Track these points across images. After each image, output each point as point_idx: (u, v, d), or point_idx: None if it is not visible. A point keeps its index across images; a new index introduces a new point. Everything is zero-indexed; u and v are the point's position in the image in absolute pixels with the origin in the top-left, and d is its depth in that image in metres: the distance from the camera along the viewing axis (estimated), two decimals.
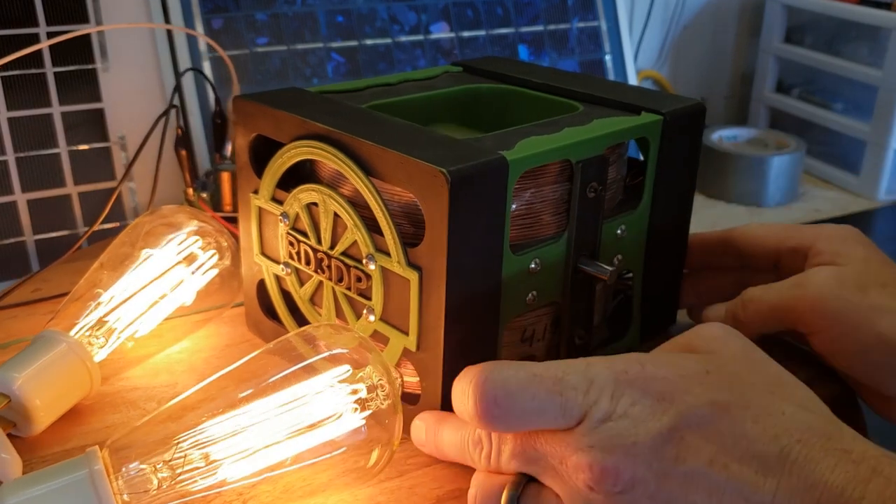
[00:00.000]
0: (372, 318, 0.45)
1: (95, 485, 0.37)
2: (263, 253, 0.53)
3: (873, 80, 1.89)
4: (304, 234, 0.48)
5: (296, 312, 0.52)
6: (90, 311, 0.50)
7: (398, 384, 0.43)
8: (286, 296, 0.53)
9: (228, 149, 0.73)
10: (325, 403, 0.40)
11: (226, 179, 0.69)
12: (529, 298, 0.46)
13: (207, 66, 1.09)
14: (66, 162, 0.99)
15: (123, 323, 0.51)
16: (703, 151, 1.47)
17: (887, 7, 1.87)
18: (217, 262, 0.56)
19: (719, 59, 2.21)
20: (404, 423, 0.45)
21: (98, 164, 1.00)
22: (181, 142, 0.71)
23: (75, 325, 0.49)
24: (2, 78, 0.95)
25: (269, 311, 0.54)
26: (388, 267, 0.43)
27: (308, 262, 0.48)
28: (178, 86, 0.95)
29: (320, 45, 1.32)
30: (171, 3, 1.12)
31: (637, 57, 2.00)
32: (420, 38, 1.42)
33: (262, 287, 0.54)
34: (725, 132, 2.04)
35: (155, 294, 0.53)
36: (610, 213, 0.50)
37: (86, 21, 1.00)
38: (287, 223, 0.49)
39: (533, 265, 0.45)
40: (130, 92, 1.05)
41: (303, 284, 0.50)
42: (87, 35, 1.00)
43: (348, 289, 0.46)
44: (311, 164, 0.50)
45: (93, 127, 1.01)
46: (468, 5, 1.47)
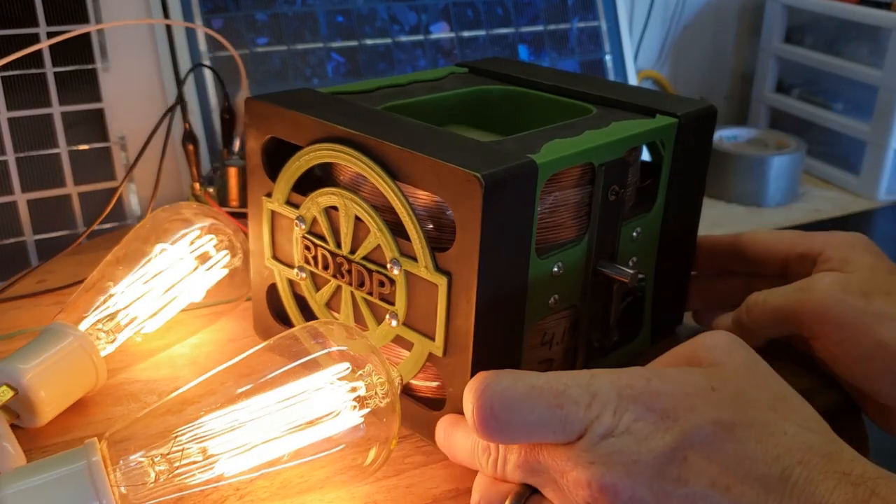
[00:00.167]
0: (394, 323, 0.45)
1: (93, 476, 0.37)
2: (275, 257, 0.51)
3: (873, 80, 1.90)
4: (322, 238, 0.47)
5: (309, 317, 0.51)
6: (99, 305, 0.50)
7: (397, 383, 0.43)
8: (299, 300, 0.52)
9: (236, 144, 0.74)
10: (323, 400, 0.40)
11: (233, 175, 0.70)
12: (552, 302, 0.46)
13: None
14: (66, 162, 0.99)
15: (132, 318, 0.51)
16: None
17: (887, 7, 1.88)
18: (229, 261, 0.56)
19: (719, 59, 2.21)
20: (427, 428, 0.45)
21: (98, 164, 1.00)
22: (189, 137, 0.72)
23: (84, 318, 0.49)
24: (2, 78, 0.95)
25: (279, 315, 0.54)
26: (414, 272, 0.42)
27: (326, 267, 0.47)
28: (182, 81, 0.95)
29: (320, 45, 1.32)
30: (171, 3, 1.13)
31: (637, 57, 2.00)
32: (420, 38, 1.42)
33: (272, 291, 0.53)
34: (725, 132, 2.04)
35: (165, 291, 0.53)
36: (626, 215, 0.50)
37: (86, 21, 1.00)
38: (303, 227, 0.48)
39: (555, 269, 0.45)
40: (130, 92, 1.05)
41: (319, 289, 0.49)
42: (87, 35, 1.01)
43: (370, 293, 0.45)
44: (327, 168, 0.49)
45: (93, 127, 1.01)
46: (468, 5, 1.47)
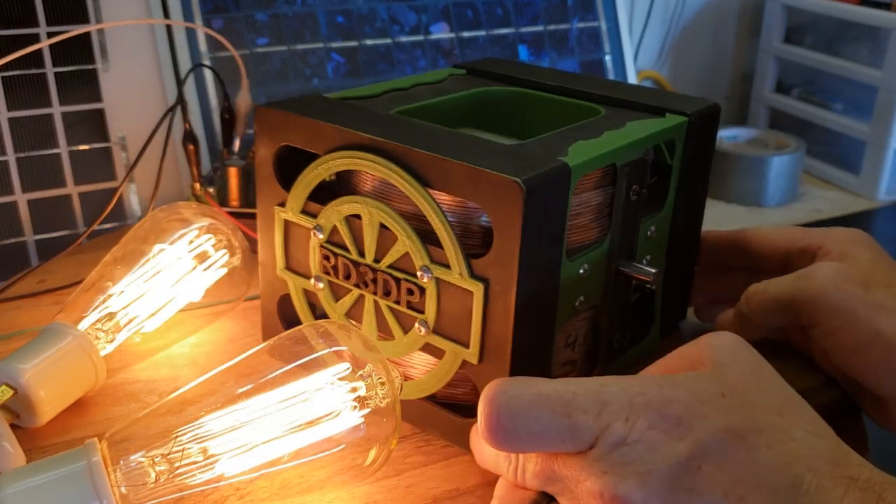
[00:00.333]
0: (423, 331, 0.44)
1: (93, 476, 0.37)
2: (289, 267, 0.50)
3: (873, 80, 1.90)
4: (342, 247, 0.46)
5: None
6: (98, 305, 0.50)
7: (398, 383, 0.43)
8: (313, 311, 0.51)
9: (236, 144, 0.74)
10: (324, 400, 0.40)
11: (233, 175, 0.70)
12: (578, 303, 0.46)
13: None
14: (66, 162, 0.99)
15: (131, 318, 0.51)
16: None
17: (887, 7, 1.88)
18: (228, 260, 0.56)
19: (719, 59, 2.21)
20: (458, 436, 0.44)
21: (98, 165, 1.01)
22: (189, 137, 0.72)
23: (83, 318, 0.49)
24: (2, 78, 0.95)
25: (291, 326, 0.52)
26: (447, 279, 0.42)
27: (348, 276, 0.46)
28: (183, 81, 0.95)
29: (320, 45, 1.33)
30: (171, 3, 1.13)
31: (637, 57, 2.00)
32: (420, 38, 1.42)
33: (283, 302, 0.52)
34: (725, 132, 2.04)
35: (164, 291, 0.53)
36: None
37: (86, 21, 1.00)
38: (321, 236, 0.47)
39: (581, 270, 0.45)
40: (131, 92, 1.05)
41: (338, 299, 0.48)
42: (87, 35, 1.01)
43: (396, 302, 0.45)
44: (342, 175, 0.48)
45: (93, 127, 1.01)
46: (468, 5, 1.47)
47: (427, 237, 0.42)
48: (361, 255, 0.46)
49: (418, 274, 0.43)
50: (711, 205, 1.91)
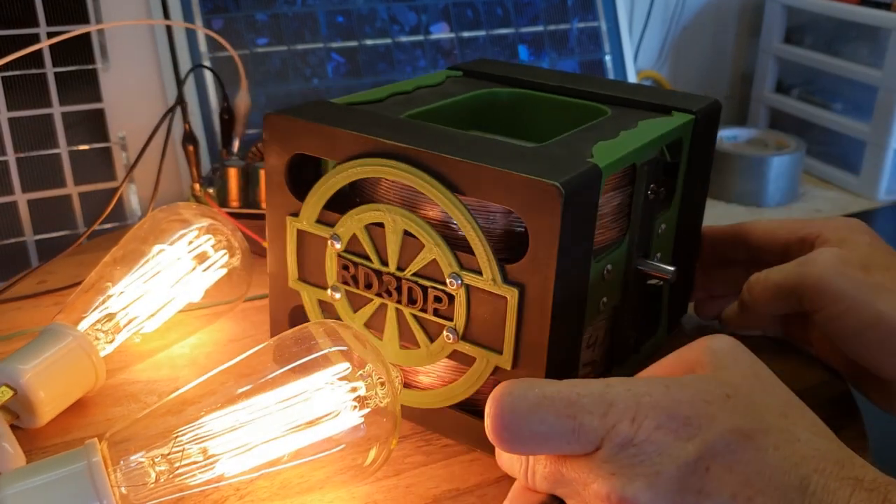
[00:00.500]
0: (452, 339, 0.43)
1: (93, 477, 0.37)
2: (303, 278, 0.49)
3: (873, 80, 1.90)
4: (362, 256, 0.45)
5: None
6: (98, 306, 0.50)
7: (398, 383, 0.43)
8: None
9: (236, 145, 0.74)
10: (324, 400, 0.40)
11: (233, 175, 0.70)
12: (602, 304, 0.46)
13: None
14: (66, 162, 0.99)
15: (131, 319, 0.51)
16: None
17: (887, 7, 1.88)
18: (227, 261, 0.56)
19: (719, 59, 2.21)
20: (479, 438, 0.44)
21: (98, 165, 1.01)
22: (189, 137, 0.72)
23: (83, 318, 0.49)
24: (2, 78, 0.95)
25: None
26: (478, 285, 0.41)
27: (369, 286, 0.45)
28: (183, 81, 0.95)
29: (320, 45, 1.33)
30: (171, 3, 1.13)
31: (637, 57, 2.00)
32: (420, 38, 1.42)
33: (296, 314, 0.51)
34: (725, 132, 2.04)
35: (164, 291, 0.53)
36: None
37: (86, 21, 1.00)
38: (339, 246, 0.46)
39: (605, 271, 0.45)
40: (130, 92, 1.05)
41: (357, 309, 0.47)
42: (87, 35, 1.01)
43: (422, 310, 0.44)
44: (357, 183, 0.46)
45: (93, 127, 1.01)
46: (468, 5, 1.47)
47: (454, 243, 0.42)
48: (384, 263, 0.44)
49: (448, 281, 0.42)
50: (711, 205, 1.91)
